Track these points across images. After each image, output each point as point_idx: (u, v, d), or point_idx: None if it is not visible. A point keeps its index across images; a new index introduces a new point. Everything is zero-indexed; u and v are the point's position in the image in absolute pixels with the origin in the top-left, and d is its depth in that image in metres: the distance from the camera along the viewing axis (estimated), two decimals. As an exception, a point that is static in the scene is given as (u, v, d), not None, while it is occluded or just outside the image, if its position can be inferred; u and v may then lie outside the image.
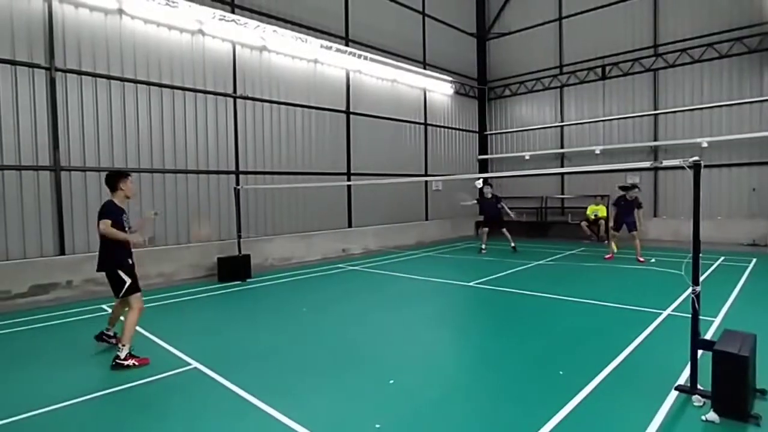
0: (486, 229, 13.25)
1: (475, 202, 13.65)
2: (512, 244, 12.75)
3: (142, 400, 3.98)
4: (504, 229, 13.04)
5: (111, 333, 5.35)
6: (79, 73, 8.38)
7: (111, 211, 4.86)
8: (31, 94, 7.91)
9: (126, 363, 4.64)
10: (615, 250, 11.22)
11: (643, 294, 7.39)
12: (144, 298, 7.68)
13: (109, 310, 6.95)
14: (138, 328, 5.98)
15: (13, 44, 7.69)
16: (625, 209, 10.70)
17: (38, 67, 7.96)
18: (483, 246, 13.07)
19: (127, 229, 4.98)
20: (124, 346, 4.69)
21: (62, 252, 8.21)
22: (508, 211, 13.06)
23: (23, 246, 7.85)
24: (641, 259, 10.44)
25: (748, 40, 12.81)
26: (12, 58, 7.67)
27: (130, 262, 4.91)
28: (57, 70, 8.13)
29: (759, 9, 12.42)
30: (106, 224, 4.72)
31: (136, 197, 8.96)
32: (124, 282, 4.84)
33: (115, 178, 5.01)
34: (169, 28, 9.56)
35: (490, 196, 13.04)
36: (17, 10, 7.74)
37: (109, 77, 8.72)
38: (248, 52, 10.94)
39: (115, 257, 4.84)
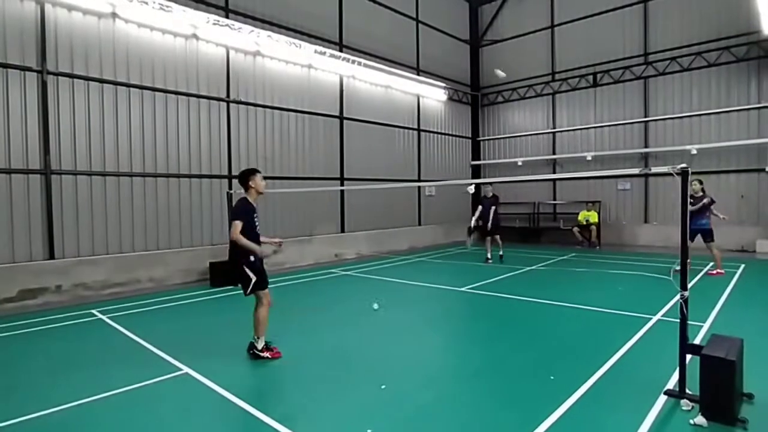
0: (488, 238, 12.22)
1: (478, 210, 12.28)
2: (500, 252, 12.03)
3: (132, 405, 3.94)
4: (490, 238, 12.18)
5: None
6: (71, 76, 8.35)
7: (245, 211, 4.86)
8: (22, 97, 7.86)
9: (262, 354, 4.90)
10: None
11: (634, 299, 7.44)
12: (135, 303, 7.67)
13: (99, 315, 6.92)
14: (128, 332, 5.96)
15: (5, 47, 7.65)
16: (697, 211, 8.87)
17: (30, 70, 7.91)
18: (489, 256, 12.10)
19: (257, 227, 4.98)
20: (258, 338, 4.95)
21: (52, 256, 8.13)
22: (491, 218, 11.84)
23: (12, 250, 7.76)
24: (719, 271, 9.18)
25: (736, 50, 13.04)
26: (3, 61, 7.63)
27: (252, 259, 4.84)
28: (49, 73, 8.08)
29: (746, 19, 12.65)
30: (236, 228, 4.73)
31: (125, 203, 8.96)
32: (250, 279, 4.84)
33: (245, 176, 5.02)
34: (163, 32, 9.55)
35: (491, 195, 12.16)
36: (9, 13, 7.71)
37: (101, 81, 8.69)
38: (242, 57, 10.95)
39: (241, 253, 4.82)
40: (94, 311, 7.17)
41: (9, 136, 7.73)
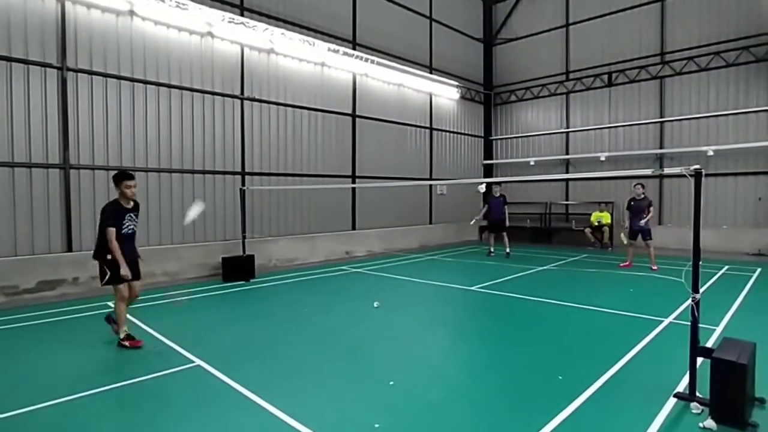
0: (493, 234, 13.46)
1: (485, 208, 13.52)
2: (507, 250, 12.88)
3: (145, 396, 4.04)
4: (504, 234, 13.06)
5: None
6: (90, 73, 8.51)
7: (112, 215, 5.26)
8: (42, 93, 8.03)
9: (124, 343, 5.27)
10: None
11: (646, 301, 7.39)
12: (148, 296, 7.81)
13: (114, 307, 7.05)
14: (143, 325, 6.10)
15: (26, 44, 7.81)
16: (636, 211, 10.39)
17: (50, 66, 8.08)
18: (491, 249, 13.38)
19: (123, 230, 5.35)
20: (121, 329, 5.36)
21: (69, 249, 8.31)
22: (506, 217, 13.00)
23: (32, 242, 7.95)
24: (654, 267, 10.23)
25: (755, 49, 12.79)
26: (25, 58, 7.80)
27: (109, 257, 5.23)
28: (68, 69, 8.25)
29: (766, 18, 12.39)
30: (111, 235, 5.17)
31: (141, 198, 9.12)
32: (105, 273, 5.28)
33: (116, 178, 5.44)
34: (179, 30, 9.68)
35: (498, 195, 13.04)
36: (31, 11, 7.88)
37: (119, 77, 8.84)
38: (256, 55, 11.05)
39: (103, 250, 5.27)
40: (109, 303, 7.30)
41: (30, 131, 7.90)
